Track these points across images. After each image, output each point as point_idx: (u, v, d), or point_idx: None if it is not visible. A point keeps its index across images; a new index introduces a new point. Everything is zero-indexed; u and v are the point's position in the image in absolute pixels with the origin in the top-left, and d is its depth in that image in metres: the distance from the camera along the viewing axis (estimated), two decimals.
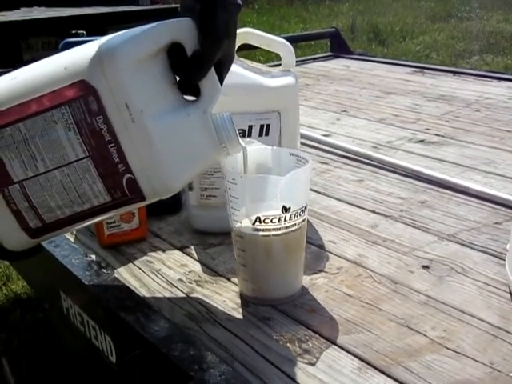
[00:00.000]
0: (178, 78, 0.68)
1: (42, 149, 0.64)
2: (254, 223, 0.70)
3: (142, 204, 0.70)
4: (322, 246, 0.89)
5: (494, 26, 6.28)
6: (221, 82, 0.68)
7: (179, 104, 0.67)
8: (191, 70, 0.66)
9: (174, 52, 0.66)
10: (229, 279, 0.81)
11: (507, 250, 0.80)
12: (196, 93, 0.67)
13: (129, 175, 0.65)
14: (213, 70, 0.66)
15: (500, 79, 1.89)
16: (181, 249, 0.90)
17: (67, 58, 0.65)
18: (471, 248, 0.87)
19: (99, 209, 0.67)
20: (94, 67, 0.62)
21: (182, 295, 0.78)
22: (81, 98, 0.62)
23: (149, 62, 0.64)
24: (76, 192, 0.65)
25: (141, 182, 0.65)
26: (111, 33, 0.66)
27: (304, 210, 0.72)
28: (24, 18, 3.18)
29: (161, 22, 0.65)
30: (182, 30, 0.65)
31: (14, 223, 0.67)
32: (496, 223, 0.94)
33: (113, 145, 0.63)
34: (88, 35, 0.67)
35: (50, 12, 3.41)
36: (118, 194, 0.66)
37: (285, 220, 0.70)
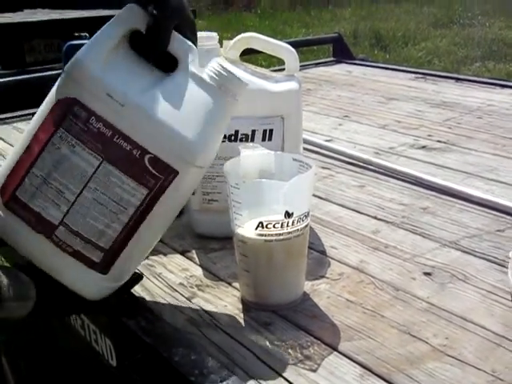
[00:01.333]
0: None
1: (62, 179, 0.64)
2: (256, 228, 0.70)
3: (186, 181, 0.66)
4: (323, 252, 0.89)
5: (497, 33, 6.29)
6: (194, 41, 0.68)
7: (162, 77, 0.67)
8: (152, 40, 0.66)
9: (136, 39, 0.67)
10: (230, 284, 0.81)
11: (510, 258, 0.79)
12: (174, 63, 0.67)
13: (148, 155, 0.64)
14: (176, 34, 0.67)
15: (503, 86, 1.89)
16: (182, 253, 0.90)
17: (48, 95, 0.67)
18: (473, 255, 0.86)
19: (144, 206, 0.65)
20: (66, 82, 0.65)
21: (183, 300, 0.78)
22: (68, 113, 0.63)
23: (115, 55, 0.65)
24: (113, 201, 0.64)
25: (163, 156, 0.64)
26: None
27: (307, 215, 0.72)
28: (27, 20, 3.18)
29: (112, 19, 0.67)
30: (130, 17, 0.66)
31: (79, 265, 0.65)
32: (498, 230, 0.93)
33: (117, 136, 0.63)
34: (91, 37, 0.68)
35: (53, 14, 3.42)
36: (150, 181, 0.64)
37: (287, 225, 0.70)
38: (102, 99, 0.63)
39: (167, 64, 0.67)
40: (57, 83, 0.66)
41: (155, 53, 0.67)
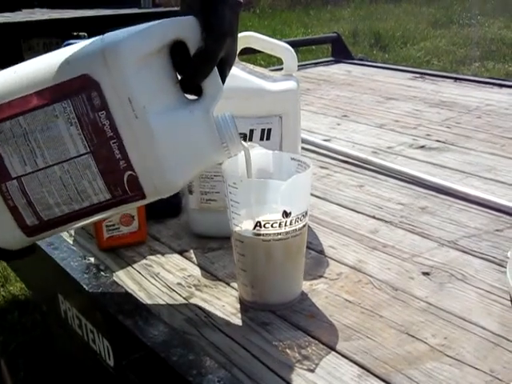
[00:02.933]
0: (179, 77, 0.67)
1: (42, 144, 0.63)
2: (254, 228, 0.70)
3: (142, 203, 0.69)
4: (321, 252, 0.88)
5: (496, 33, 6.30)
6: (223, 80, 0.67)
7: (181, 102, 0.66)
8: (194, 67, 0.65)
9: (177, 50, 0.65)
10: (228, 284, 0.81)
11: (508, 258, 0.79)
12: (198, 92, 0.67)
13: (130, 172, 0.64)
14: (215, 69, 0.66)
15: (501, 86, 1.89)
16: (180, 253, 0.90)
17: (70, 53, 0.64)
18: (472, 255, 0.86)
19: (98, 207, 0.66)
20: (98, 62, 0.62)
21: (180, 299, 0.77)
22: (83, 93, 0.62)
23: (152, 59, 0.64)
24: (75, 189, 0.64)
25: (142, 179, 0.65)
26: None
27: (305, 215, 0.72)
28: (26, 20, 3.18)
29: (165, 20, 0.65)
30: (185, 28, 0.65)
31: (10, 220, 0.66)
32: (497, 230, 0.93)
33: (115, 141, 0.63)
34: (89, 37, 0.67)
35: (51, 14, 3.41)
36: (118, 191, 0.65)
37: (285, 225, 0.70)
38: (121, 100, 0.62)
39: (193, 88, 0.67)
40: (87, 52, 0.63)
41: (191, 81, 0.66)
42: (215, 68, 0.66)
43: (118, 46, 0.62)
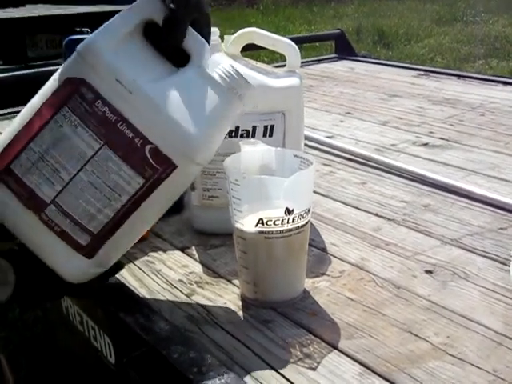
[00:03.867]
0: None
1: (60, 157, 0.63)
2: (256, 225, 0.70)
3: (182, 176, 0.66)
4: (324, 249, 0.88)
5: (500, 31, 6.27)
6: (207, 40, 0.68)
7: (172, 71, 0.66)
8: (167, 34, 0.66)
9: (151, 30, 0.66)
10: (230, 281, 0.80)
11: (511, 256, 0.79)
12: (185, 58, 0.67)
13: (149, 146, 0.63)
14: (191, 30, 0.66)
15: (505, 83, 1.88)
16: (182, 249, 0.89)
17: (56, 73, 0.66)
18: (475, 253, 0.86)
19: (138, 196, 0.65)
20: (76, 62, 0.64)
21: (182, 296, 0.77)
22: (75, 93, 0.63)
23: (128, 42, 0.65)
24: (107, 186, 0.64)
25: (164, 148, 0.64)
26: None
27: (307, 212, 0.71)
28: (29, 15, 3.18)
29: (130, 7, 0.66)
30: (148, 7, 0.66)
31: (65, 248, 0.65)
32: (500, 228, 0.93)
33: (121, 122, 0.63)
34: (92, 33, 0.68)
35: (54, 9, 3.41)
36: (147, 170, 0.64)
37: (288, 222, 0.69)
38: (110, 84, 0.63)
39: (179, 58, 0.67)
40: (66, 62, 0.65)
41: (169, 47, 0.67)
42: (191, 30, 0.66)
43: (89, 42, 0.64)
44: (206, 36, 0.69)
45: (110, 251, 0.68)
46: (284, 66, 0.92)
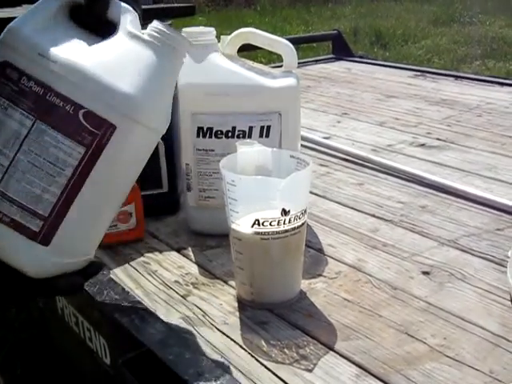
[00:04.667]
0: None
1: None
2: (252, 226, 0.69)
3: (125, 140, 0.62)
4: (321, 250, 0.88)
5: (497, 32, 6.28)
6: (133, 6, 0.66)
7: (100, 40, 0.64)
8: (88, 9, 0.64)
9: (76, 11, 0.65)
10: (226, 282, 0.80)
11: (508, 257, 0.79)
12: (113, 29, 0.65)
13: (82, 110, 0.61)
14: (115, 1, 0.64)
15: (502, 84, 1.88)
16: (178, 250, 0.89)
17: None
18: (472, 254, 0.86)
19: (83, 167, 0.61)
20: None
21: (178, 297, 0.77)
22: (1, 77, 0.62)
23: (53, 25, 0.63)
24: (48, 162, 0.61)
25: (98, 110, 0.61)
26: None
27: (304, 213, 0.71)
28: None
29: None
30: None
31: (17, 237, 0.61)
32: (497, 229, 0.93)
33: (49, 93, 0.61)
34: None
35: None
36: (86, 137, 0.61)
37: (284, 223, 0.69)
38: (33, 59, 0.61)
39: (107, 31, 0.64)
40: None
41: (92, 19, 0.65)
42: (114, 1, 0.64)
43: (9, 27, 0.63)
44: (133, 3, 0.66)
45: (68, 234, 0.63)
46: (281, 66, 0.91)
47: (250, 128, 0.85)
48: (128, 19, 0.64)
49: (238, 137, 0.85)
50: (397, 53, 5.64)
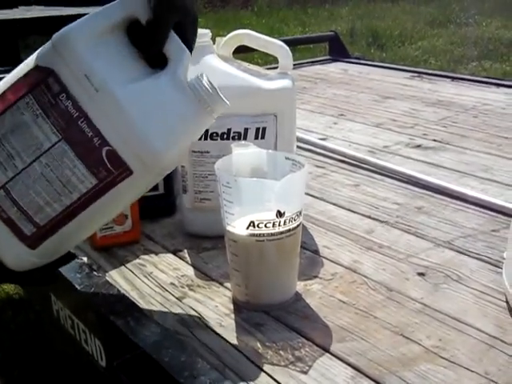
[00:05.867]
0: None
1: (16, 144, 0.62)
2: (247, 227, 0.69)
3: (136, 183, 0.65)
4: (316, 252, 0.88)
5: (493, 33, 6.28)
6: (187, 44, 0.66)
7: (147, 73, 0.65)
8: (148, 37, 0.64)
9: (134, 28, 0.65)
10: (222, 284, 0.80)
11: (504, 258, 0.79)
12: (163, 62, 0.65)
13: (107, 148, 0.62)
14: (173, 34, 0.64)
15: (498, 85, 1.88)
16: (174, 252, 0.89)
17: (28, 58, 0.65)
18: (467, 255, 0.86)
19: (89, 196, 0.63)
20: (48, 51, 0.63)
21: (173, 299, 0.77)
22: (41, 83, 0.62)
23: (107, 39, 0.63)
24: (60, 181, 0.62)
25: (122, 152, 0.62)
26: None
27: (299, 214, 0.71)
28: (22, 17, 3.17)
29: (113, 2, 0.65)
30: (133, 4, 0.64)
31: (9, 235, 0.64)
32: (493, 230, 0.93)
33: (82, 119, 0.61)
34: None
35: (48, 11, 3.40)
36: (102, 172, 0.62)
37: (279, 225, 0.69)
38: (78, 78, 0.61)
39: (156, 61, 0.65)
40: (40, 49, 0.64)
41: (149, 50, 0.65)
42: (173, 34, 0.64)
43: (65, 32, 0.63)
44: (190, 39, 0.67)
45: (53, 245, 0.67)
46: (277, 67, 0.91)
47: (246, 130, 0.85)
48: (180, 61, 0.64)
49: (234, 138, 0.85)
50: (394, 54, 5.64)
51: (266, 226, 0.69)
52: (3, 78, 0.67)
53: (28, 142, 0.62)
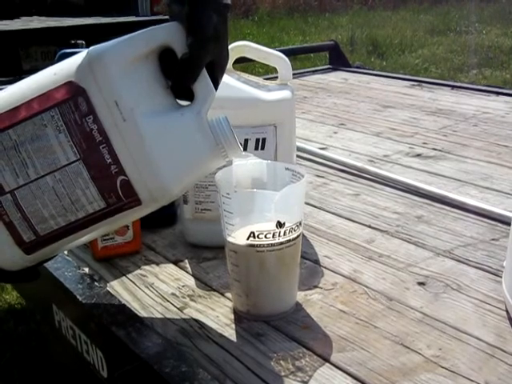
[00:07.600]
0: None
1: (33, 154, 0.63)
2: (248, 238, 0.70)
3: (139, 211, 0.67)
4: (317, 261, 0.88)
5: (493, 40, 6.31)
6: (215, 83, 0.67)
7: (172, 106, 0.66)
8: (180, 72, 0.65)
9: (165, 56, 0.66)
10: (222, 294, 0.80)
11: (504, 267, 0.79)
12: (190, 97, 0.66)
13: (122, 177, 0.63)
14: (205, 72, 0.65)
15: (498, 94, 1.89)
16: (175, 262, 0.89)
17: (57, 66, 0.65)
18: (467, 264, 0.86)
19: (94, 217, 0.65)
20: (83, 68, 0.63)
21: (175, 310, 0.77)
22: (70, 100, 0.62)
23: (139, 65, 0.64)
24: (69, 198, 0.64)
25: (136, 184, 0.64)
26: None
27: (299, 225, 0.71)
28: (24, 28, 3.18)
29: (152, 27, 0.65)
30: (170, 34, 0.65)
31: (7, 237, 0.65)
32: (493, 239, 0.93)
33: (104, 145, 0.62)
34: (87, 45, 0.67)
35: (49, 22, 3.42)
36: (112, 198, 0.64)
37: (279, 235, 0.69)
38: (108, 103, 0.62)
39: (183, 94, 0.66)
40: (73, 62, 0.63)
41: (179, 85, 0.66)
42: (204, 72, 0.65)
43: (102, 53, 0.63)
44: (217, 78, 0.68)
45: (47, 253, 0.69)
46: (277, 78, 0.92)
47: (246, 140, 0.86)
48: (206, 100, 0.66)
49: None
50: (394, 62, 5.66)
51: (266, 236, 0.69)
52: (5, 87, 0.67)
53: (45, 155, 0.63)
